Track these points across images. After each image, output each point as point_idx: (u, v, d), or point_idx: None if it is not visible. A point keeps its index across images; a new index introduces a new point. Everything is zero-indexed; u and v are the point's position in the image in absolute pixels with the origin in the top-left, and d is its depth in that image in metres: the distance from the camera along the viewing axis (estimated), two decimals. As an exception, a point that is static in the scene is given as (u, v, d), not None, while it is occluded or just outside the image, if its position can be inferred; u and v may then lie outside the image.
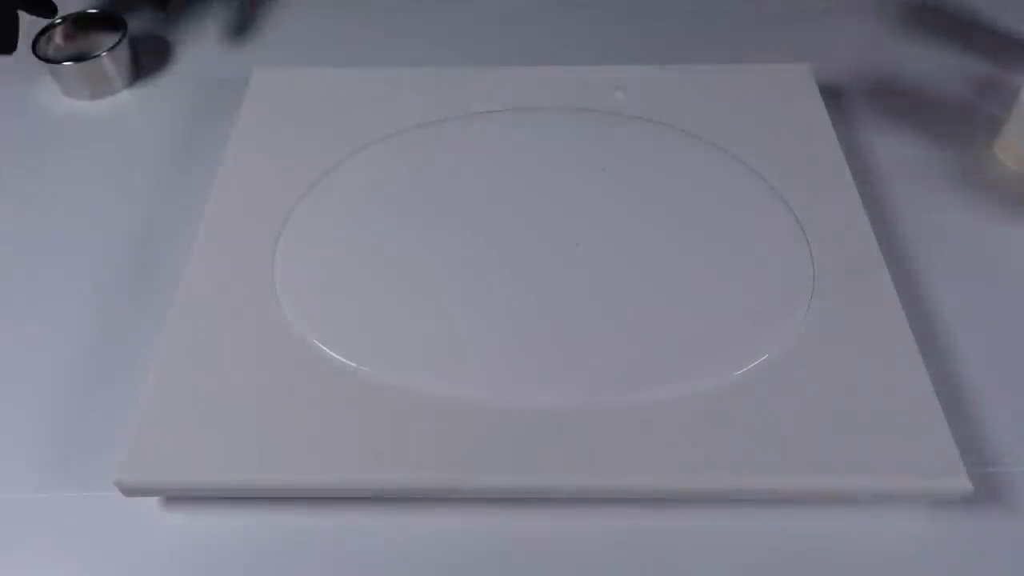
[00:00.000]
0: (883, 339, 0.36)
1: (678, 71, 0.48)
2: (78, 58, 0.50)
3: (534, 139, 0.45)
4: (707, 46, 0.55)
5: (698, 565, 0.32)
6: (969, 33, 0.55)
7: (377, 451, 0.32)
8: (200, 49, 0.55)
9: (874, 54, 0.53)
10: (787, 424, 0.33)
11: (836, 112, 0.48)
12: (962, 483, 0.31)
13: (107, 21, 0.52)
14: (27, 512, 0.34)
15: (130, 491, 0.32)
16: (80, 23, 0.53)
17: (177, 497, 0.34)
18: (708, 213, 0.41)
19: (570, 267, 0.39)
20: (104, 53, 0.50)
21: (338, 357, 0.35)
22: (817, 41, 0.54)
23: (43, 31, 0.51)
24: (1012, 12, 0.56)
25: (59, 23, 0.52)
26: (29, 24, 0.50)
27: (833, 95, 0.50)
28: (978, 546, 0.33)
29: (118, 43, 0.50)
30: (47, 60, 0.50)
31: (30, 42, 0.50)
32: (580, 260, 0.39)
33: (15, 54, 0.47)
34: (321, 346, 0.35)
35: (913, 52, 0.53)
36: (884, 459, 0.32)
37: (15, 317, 0.40)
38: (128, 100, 0.51)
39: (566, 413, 0.33)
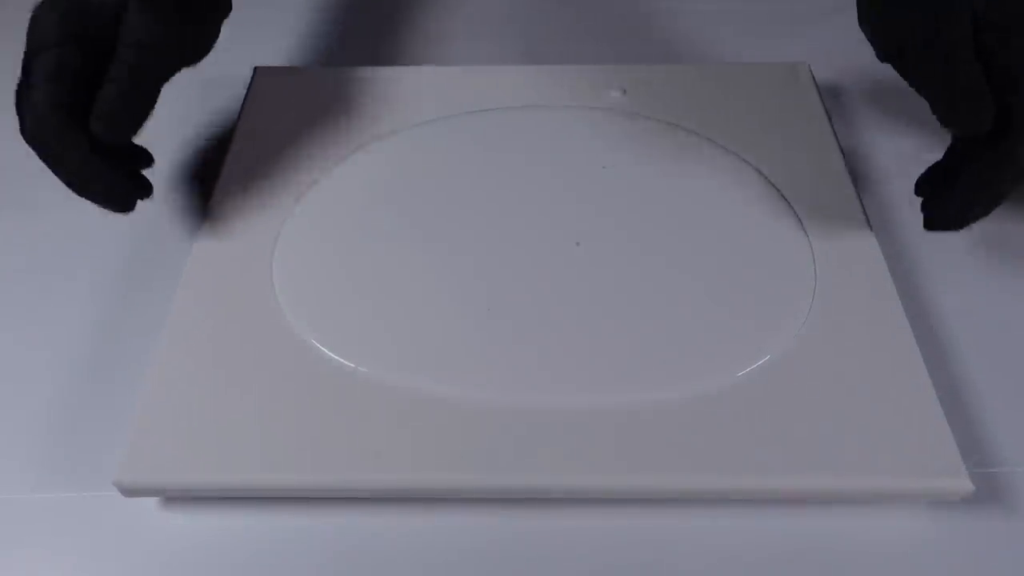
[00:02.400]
0: (884, 339, 0.36)
1: (678, 70, 0.48)
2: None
3: (534, 138, 0.45)
4: (707, 46, 0.55)
5: (698, 566, 0.32)
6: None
7: (377, 451, 0.32)
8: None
9: (874, 54, 0.53)
10: (788, 425, 0.33)
11: (836, 112, 0.48)
12: (963, 484, 0.31)
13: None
14: (26, 512, 0.34)
15: (129, 491, 0.32)
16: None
17: (177, 497, 0.34)
18: (709, 212, 0.41)
19: (570, 266, 0.39)
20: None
21: (337, 358, 0.35)
22: (817, 41, 0.54)
23: None
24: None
25: None
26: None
27: (833, 95, 0.50)
28: (978, 546, 0.33)
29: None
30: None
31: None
32: (580, 259, 0.39)
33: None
34: (320, 347, 0.35)
35: (913, 52, 0.53)
36: (884, 459, 0.32)
37: (14, 317, 0.40)
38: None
39: (566, 413, 0.33)
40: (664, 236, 0.40)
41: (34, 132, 0.33)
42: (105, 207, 0.36)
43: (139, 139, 0.47)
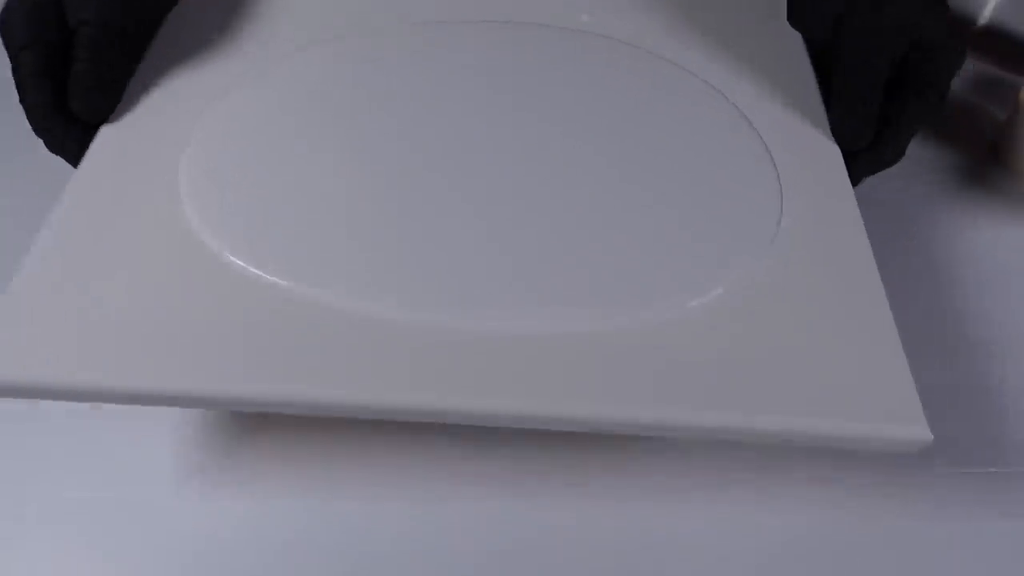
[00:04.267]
0: (848, 280, 0.33)
1: None
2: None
3: (490, 53, 0.42)
4: None
5: (690, 563, 0.32)
6: (969, 33, 0.55)
7: (290, 365, 0.30)
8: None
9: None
10: (738, 361, 0.31)
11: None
12: (921, 432, 0.29)
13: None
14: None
15: None
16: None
17: (51, 399, 0.31)
18: (674, 136, 0.38)
19: (519, 182, 0.36)
20: None
21: (239, 262, 0.32)
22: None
23: None
24: (1012, 12, 0.56)
25: None
26: None
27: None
28: (978, 546, 0.33)
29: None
30: None
31: None
32: (531, 175, 0.36)
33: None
34: (231, 257, 0.32)
35: (913, 52, 0.53)
36: (840, 404, 0.30)
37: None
38: None
39: (507, 338, 0.31)
40: (624, 158, 0.37)
41: (35, 128, 0.36)
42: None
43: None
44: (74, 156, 0.37)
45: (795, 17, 0.42)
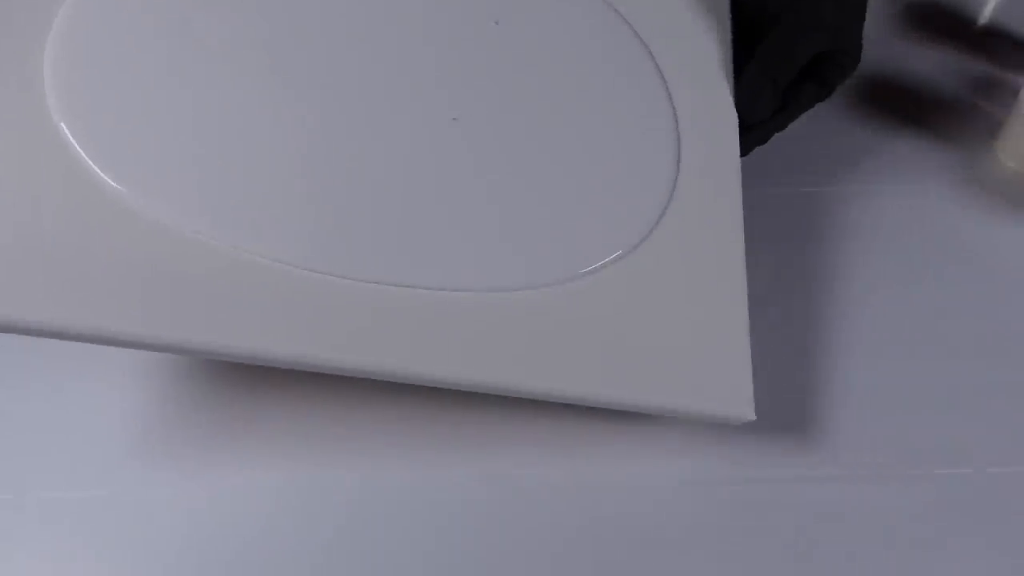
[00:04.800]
0: (717, 263, 0.35)
1: None
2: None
3: None
4: None
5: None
6: (969, 33, 0.55)
7: (161, 303, 0.29)
8: None
9: (874, 54, 0.53)
10: (594, 333, 0.33)
11: (835, 112, 0.48)
12: (748, 413, 0.32)
13: None
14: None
15: None
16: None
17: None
18: (587, 92, 0.38)
19: (435, 141, 0.35)
20: None
21: (107, 177, 0.30)
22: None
23: None
24: (1012, 12, 0.56)
25: None
26: None
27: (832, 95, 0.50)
28: (978, 547, 0.33)
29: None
30: None
31: None
32: (431, 125, 0.35)
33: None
34: (93, 163, 0.30)
35: (913, 52, 0.53)
36: (684, 380, 0.33)
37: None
38: None
39: (394, 296, 0.31)
40: (536, 116, 0.36)
41: None
42: None
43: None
44: None
45: None
